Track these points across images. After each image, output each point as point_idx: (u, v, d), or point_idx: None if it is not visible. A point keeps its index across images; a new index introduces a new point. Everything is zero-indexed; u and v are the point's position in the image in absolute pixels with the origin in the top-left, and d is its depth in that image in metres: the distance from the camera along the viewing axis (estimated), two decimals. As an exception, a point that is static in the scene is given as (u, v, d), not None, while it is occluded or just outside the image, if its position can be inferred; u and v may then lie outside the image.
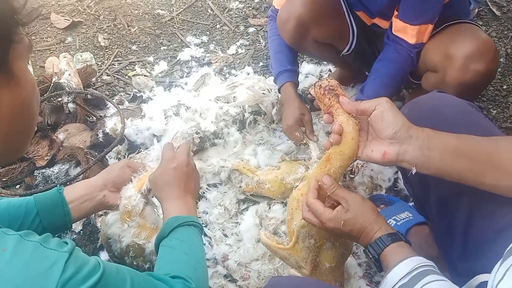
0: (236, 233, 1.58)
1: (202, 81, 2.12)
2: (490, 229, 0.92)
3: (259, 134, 1.88)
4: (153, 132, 1.85)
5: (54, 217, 1.15)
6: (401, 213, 1.45)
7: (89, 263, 0.70)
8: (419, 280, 0.82)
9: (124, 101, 2.12)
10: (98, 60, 2.41)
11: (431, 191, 1.04)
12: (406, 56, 1.57)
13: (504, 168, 0.87)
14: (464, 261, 0.96)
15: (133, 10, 2.73)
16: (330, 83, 1.04)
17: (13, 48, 0.68)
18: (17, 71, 0.69)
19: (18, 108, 0.71)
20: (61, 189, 1.19)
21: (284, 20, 1.69)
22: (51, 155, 1.81)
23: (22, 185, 1.77)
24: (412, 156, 0.92)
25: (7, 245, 0.64)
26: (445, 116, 0.97)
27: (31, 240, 0.67)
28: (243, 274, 1.46)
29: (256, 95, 1.90)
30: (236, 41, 2.46)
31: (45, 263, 0.65)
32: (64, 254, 0.66)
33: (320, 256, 1.17)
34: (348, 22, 1.74)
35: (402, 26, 1.54)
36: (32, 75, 0.75)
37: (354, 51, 1.80)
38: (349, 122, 1.00)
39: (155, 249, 1.05)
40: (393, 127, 0.92)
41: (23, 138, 0.77)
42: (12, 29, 0.68)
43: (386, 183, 1.66)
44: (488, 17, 2.44)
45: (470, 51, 1.41)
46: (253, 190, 1.65)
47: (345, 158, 1.02)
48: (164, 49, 2.47)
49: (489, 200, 0.93)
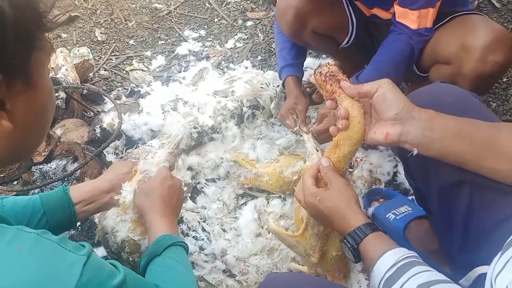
0: (235, 228, 1.57)
1: (200, 76, 2.11)
2: (490, 221, 0.92)
3: (258, 128, 1.87)
4: (151, 127, 1.84)
5: (61, 217, 1.15)
6: (400, 207, 1.44)
7: (107, 268, 0.69)
8: (405, 271, 0.82)
9: (121, 96, 2.10)
10: (95, 55, 2.39)
11: (432, 181, 1.04)
12: (406, 43, 1.54)
13: (504, 152, 0.87)
14: (464, 253, 0.96)
15: (130, 4, 2.71)
16: (330, 69, 1.03)
17: (35, 55, 0.65)
18: (36, 77, 0.67)
19: (33, 113, 0.69)
20: (67, 189, 1.19)
21: (282, 11, 1.68)
22: (49, 151, 1.80)
23: (19, 181, 1.76)
24: (414, 136, 0.92)
25: (25, 243, 0.62)
26: (446, 106, 0.97)
27: (50, 239, 0.64)
28: (242, 269, 1.46)
29: (255, 89, 1.89)
30: (234, 35, 2.44)
31: (63, 264, 0.62)
32: (82, 257, 0.64)
33: (328, 244, 1.19)
34: (347, 13, 1.72)
35: (402, 12, 1.51)
36: (50, 81, 0.72)
37: (353, 43, 1.78)
38: (354, 106, 1.00)
39: (143, 263, 1.03)
40: (395, 108, 0.92)
41: (35, 142, 0.76)
42: (35, 35, 0.65)
43: (385, 177, 1.66)
44: (488, 9, 2.42)
45: (488, 42, 1.38)
46: (251, 183, 1.65)
47: (353, 143, 1.03)
48: (162, 44, 2.45)
49: (490, 190, 0.93)
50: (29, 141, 0.73)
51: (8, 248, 0.60)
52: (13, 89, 0.63)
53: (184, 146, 1.75)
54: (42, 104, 0.70)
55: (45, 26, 0.66)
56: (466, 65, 1.42)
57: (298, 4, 1.63)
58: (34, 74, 0.66)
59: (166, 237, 1.05)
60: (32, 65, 0.65)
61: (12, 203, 1.10)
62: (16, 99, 0.65)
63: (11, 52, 0.61)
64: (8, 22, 0.59)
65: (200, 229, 1.58)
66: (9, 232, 0.62)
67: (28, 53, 0.64)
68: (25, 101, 0.66)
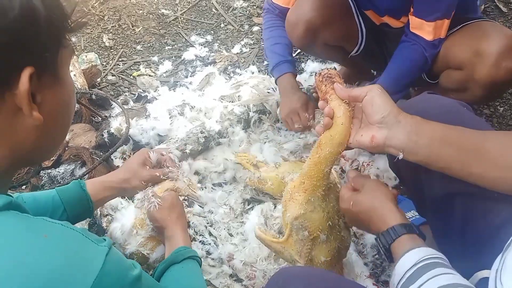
0: (242, 233, 1.57)
1: (206, 81, 2.12)
2: (486, 228, 0.91)
3: (264, 133, 1.87)
4: (158, 132, 1.85)
5: (80, 213, 1.22)
6: (407, 212, 1.44)
7: (127, 261, 0.72)
8: (425, 272, 0.79)
9: (129, 101, 2.12)
10: (103, 60, 2.41)
11: (425, 192, 1.04)
12: (421, 54, 1.55)
13: (491, 160, 0.86)
14: (464, 261, 0.95)
15: (137, 10, 2.73)
16: (329, 72, 1.06)
17: (61, 52, 0.69)
18: (62, 73, 0.71)
19: (59, 108, 0.72)
20: (83, 185, 1.24)
21: (293, 25, 1.67)
22: (57, 156, 1.81)
23: (28, 186, 1.77)
24: (399, 141, 0.92)
25: (50, 232, 0.64)
26: (434, 118, 0.97)
27: (74, 229, 0.67)
28: (249, 274, 1.45)
29: (261, 94, 1.89)
30: (241, 40, 2.45)
31: (87, 253, 0.65)
32: (105, 248, 0.67)
33: (315, 249, 1.16)
34: (357, 23, 1.72)
35: (418, 23, 1.51)
36: (72, 80, 0.76)
37: (362, 52, 1.78)
38: (341, 107, 1.01)
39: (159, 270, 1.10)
40: (382, 112, 0.93)
41: (59, 139, 0.79)
42: (62, 32, 0.69)
43: (393, 182, 1.65)
44: (494, 13, 2.42)
45: (503, 48, 1.39)
46: (255, 185, 1.65)
47: (335, 144, 1.02)
48: (169, 49, 2.47)
49: (481, 199, 0.92)
50: (54, 137, 0.76)
51: (35, 236, 0.62)
52: (43, 83, 0.67)
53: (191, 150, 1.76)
54: (66, 99, 0.74)
55: (70, 27, 0.71)
56: (479, 70, 1.42)
57: (309, 18, 1.62)
58: (60, 70, 0.70)
59: (186, 248, 1.14)
60: (59, 61, 0.69)
61: (32, 199, 1.14)
62: (45, 92, 0.68)
63: (44, 46, 0.65)
64: (42, 18, 0.64)
65: (207, 234, 1.58)
66: (35, 221, 0.65)
67: (56, 48, 0.68)
68: (53, 96, 0.70)
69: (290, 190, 1.15)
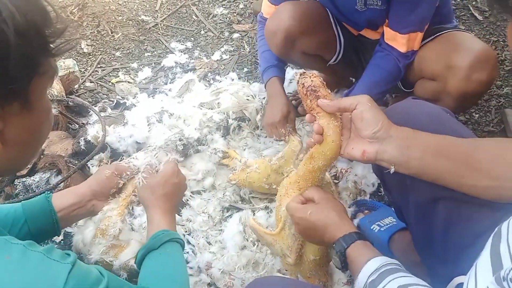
0: (220, 241, 1.56)
1: (186, 87, 2.11)
2: (468, 234, 0.93)
3: (243, 140, 1.87)
4: (136, 140, 1.83)
5: (43, 225, 1.15)
6: (385, 219, 1.45)
7: (92, 275, 0.70)
8: (387, 275, 0.83)
9: (107, 108, 2.09)
10: (81, 66, 2.38)
11: (409, 197, 1.05)
12: (394, 64, 1.58)
13: (482, 169, 0.87)
14: (444, 265, 0.97)
15: (117, 16, 2.71)
16: (312, 83, 1.03)
17: (36, 79, 0.66)
18: (34, 100, 0.67)
19: (27, 133, 0.70)
20: (49, 197, 1.18)
21: (272, 33, 1.69)
22: (32, 164, 1.77)
23: (1, 195, 1.73)
24: (391, 155, 0.92)
25: (12, 254, 0.63)
26: (419, 124, 0.98)
27: (35, 251, 0.66)
28: (227, 282, 1.44)
29: (240, 101, 1.89)
30: (221, 47, 2.45)
31: (48, 274, 0.64)
32: (67, 265, 0.66)
33: (305, 247, 1.19)
34: (336, 33, 1.74)
35: (392, 35, 1.55)
36: (49, 102, 0.73)
37: (340, 61, 1.80)
38: (330, 126, 1.01)
39: (139, 256, 1.06)
40: (373, 128, 0.93)
41: (27, 159, 0.77)
42: (39, 61, 0.65)
43: (370, 188, 1.66)
44: (470, 21, 2.47)
45: (472, 61, 1.41)
46: (240, 177, 1.64)
47: (327, 158, 1.05)
48: (148, 55, 2.45)
49: (466, 204, 0.94)
50: (21, 158, 0.74)
51: None
52: (8, 110, 0.64)
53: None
54: (36, 125, 0.71)
55: (51, 52, 0.67)
56: (451, 83, 1.44)
57: (288, 26, 1.64)
58: (32, 97, 0.67)
59: (164, 232, 1.07)
60: (32, 89, 0.66)
61: None
62: (10, 119, 0.66)
63: (11, 78, 0.62)
64: (11, 49, 0.60)
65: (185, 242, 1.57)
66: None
67: (29, 78, 0.65)
68: (19, 121, 0.67)
69: (285, 185, 1.17)
